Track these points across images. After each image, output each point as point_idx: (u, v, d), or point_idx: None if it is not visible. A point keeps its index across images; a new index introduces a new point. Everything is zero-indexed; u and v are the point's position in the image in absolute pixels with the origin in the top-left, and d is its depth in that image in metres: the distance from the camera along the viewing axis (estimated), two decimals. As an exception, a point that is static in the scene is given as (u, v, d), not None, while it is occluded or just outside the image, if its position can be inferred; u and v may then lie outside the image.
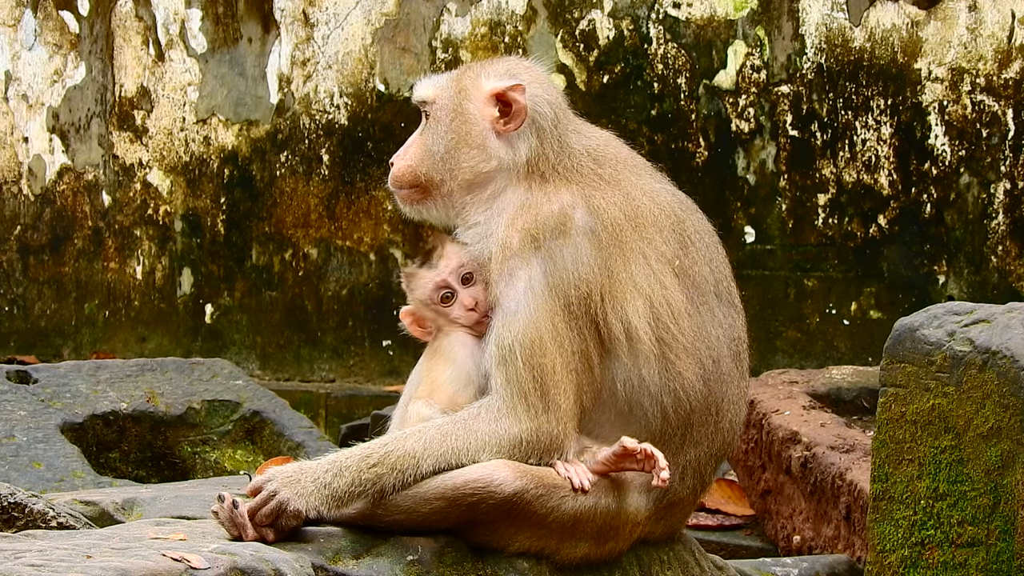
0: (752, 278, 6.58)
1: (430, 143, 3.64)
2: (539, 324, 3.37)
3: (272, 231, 8.01)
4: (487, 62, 3.71)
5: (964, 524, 3.47)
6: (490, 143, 3.58)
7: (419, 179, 3.65)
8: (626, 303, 3.42)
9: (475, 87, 3.62)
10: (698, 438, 3.52)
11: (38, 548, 3.02)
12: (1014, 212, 6.15)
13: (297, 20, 7.89)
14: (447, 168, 3.61)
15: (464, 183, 3.60)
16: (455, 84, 3.65)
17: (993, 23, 6.16)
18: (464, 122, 3.60)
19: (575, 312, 3.39)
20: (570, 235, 3.43)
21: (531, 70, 3.68)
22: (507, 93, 3.57)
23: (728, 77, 6.74)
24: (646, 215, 3.51)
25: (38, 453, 5.32)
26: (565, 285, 3.40)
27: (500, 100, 3.58)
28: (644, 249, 3.48)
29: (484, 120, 3.59)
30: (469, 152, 3.59)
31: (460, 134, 3.60)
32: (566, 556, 3.42)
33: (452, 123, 3.61)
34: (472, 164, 3.58)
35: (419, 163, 3.65)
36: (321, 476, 3.26)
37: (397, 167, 3.68)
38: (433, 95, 3.66)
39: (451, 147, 3.60)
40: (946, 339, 3.53)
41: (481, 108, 3.59)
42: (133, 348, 8.45)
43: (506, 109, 3.58)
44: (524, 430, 3.34)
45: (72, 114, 8.71)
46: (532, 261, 3.41)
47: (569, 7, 7.10)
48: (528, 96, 3.57)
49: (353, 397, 7.47)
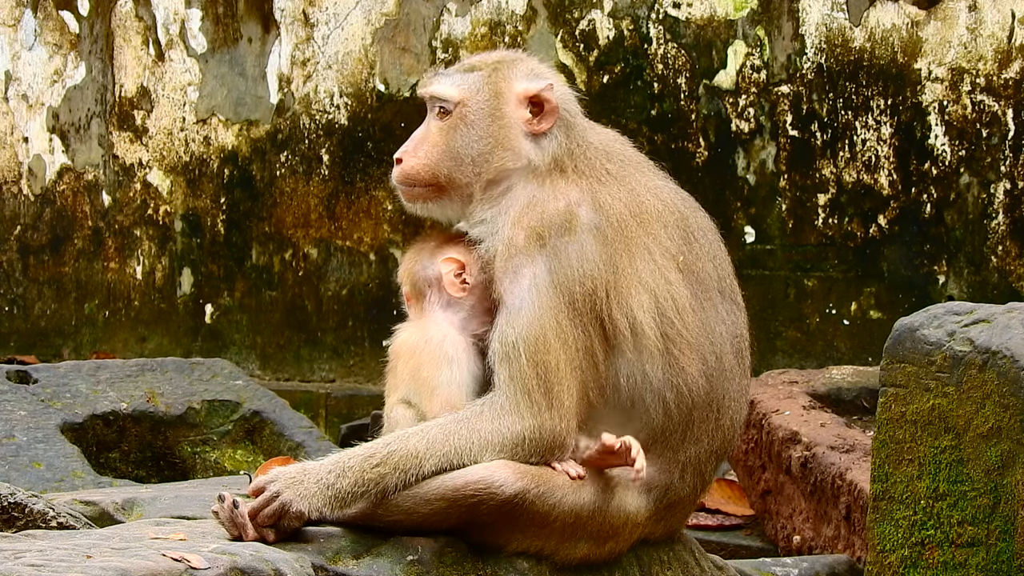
0: (752, 278, 6.58)
1: (458, 144, 3.60)
2: (543, 321, 3.37)
3: (272, 231, 8.01)
4: (505, 61, 3.68)
5: (964, 524, 3.47)
6: (522, 144, 3.58)
7: (438, 179, 3.61)
8: (631, 298, 3.42)
9: (509, 89, 3.60)
10: (699, 435, 3.52)
11: (38, 548, 3.02)
12: (1014, 212, 6.15)
13: (297, 20, 7.89)
14: (475, 171, 3.58)
15: (484, 182, 3.59)
16: (488, 86, 3.61)
17: (993, 23, 6.16)
18: (501, 126, 3.58)
19: (580, 309, 3.39)
20: (575, 232, 3.43)
21: (547, 69, 3.70)
22: (540, 94, 3.57)
23: (728, 77, 6.74)
24: (651, 211, 3.52)
25: (38, 453, 5.32)
26: (570, 282, 3.40)
27: (532, 102, 3.58)
28: (649, 244, 3.48)
29: (519, 122, 3.59)
30: (503, 154, 3.57)
31: (497, 138, 3.57)
32: (566, 556, 3.43)
33: (489, 127, 3.58)
34: (499, 164, 3.57)
35: (438, 163, 3.61)
36: (324, 477, 3.26)
37: (409, 164, 3.63)
38: (460, 96, 3.61)
39: (485, 150, 3.58)
40: (946, 339, 3.53)
41: (515, 110, 3.59)
42: (133, 348, 8.45)
43: (536, 109, 3.58)
44: (527, 427, 3.34)
45: (72, 114, 8.72)
46: (537, 259, 3.41)
47: (569, 7, 7.10)
48: (557, 95, 3.59)
49: (353, 397, 7.47)
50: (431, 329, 3.52)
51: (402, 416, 3.49)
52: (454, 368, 3.46)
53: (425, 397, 3.45)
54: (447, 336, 3.49)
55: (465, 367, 3.47)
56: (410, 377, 3.49)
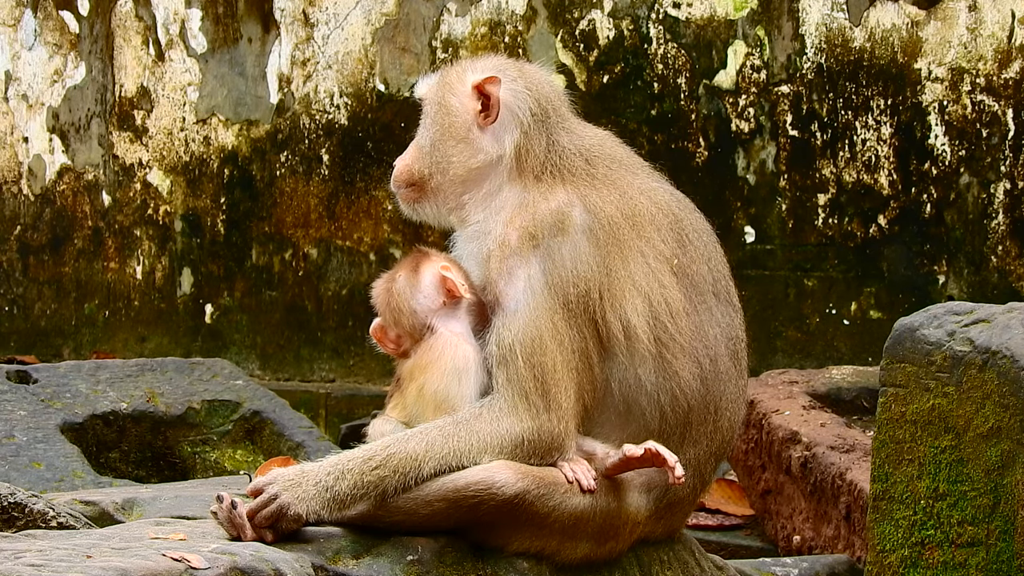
0: (752, 278, 6.58)
1: (423, 140, 3.68)
2: (539, 323, 3.37)
3: (272, 231, 8.01)
4: (477, 58, 3.73)
5: (964, 524, 3.47)
6: (474, 137, 3.59)
7: (413, 176, 3.68)
8: (624, 301, 3.43)
9: (459, 81, 3.64)
10: (697, 437, 3.52)
11: (38, 548, 3.02)
12: (1014, 212, 6.15)
13: (297, 20, 7.89)
14: (434, 161, 3.63)
15: (456, 179, 3.61)
16: (441, 79, 3.68)
17: (993, 23, 6.16)
18: (447, 115, 3.62)
19: (574, 310, 3.40)
20: (568, 233, 3.43)
21: (520, 67, 3.68)
22: (483, 86, 3.58)
23: (728, 77, 6.74)
24: (643, 214, 3.51)
25: (38, 453, 5.32)
26: (564, 283, 3.40)
27: (481, 93, 3.59)
28: (642, 247, 3.48)
29: (467, 114, 3.61)
30: (455, 146, 3.60)
31: (443, 127, 3.62)
32: (566, 556, 3.43)
33: (436, 116, 3.65)
34: (460, 159, 3.60)
35: (413, 161, 3.69)
36: (323, 479, 3.25)
37: (397, 167, 3.72)
38: (423, 92, 3.71)
39: (436, 140, 3.63)
40: (946, 339, 3.53)
41: (464, 102, 3.61)
42: (133, 348, 8.45)
43: (487, 102, 3.59)
44: (526, 429, 3.34)
45: (72, 114, 8.72)
46: (531, 260, 3.41)
47: (569, 7, 7.10)
48: (507, 90, 3.58)
49: (353, 397, 7.47)
50: (442, 343, 3.49)
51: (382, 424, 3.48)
52: (463, 381, 3.44)
53: (431, 411, 3.43)
54: (458, 348, 3.47)
55: (475, 379, 3.44)
56: (417, 392, 3.47)
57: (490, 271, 3.46)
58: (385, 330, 3.59)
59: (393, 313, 3.55)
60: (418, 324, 3.51)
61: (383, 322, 3.59)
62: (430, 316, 3.51)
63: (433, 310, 3.51)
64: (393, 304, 3.56)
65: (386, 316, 3.58)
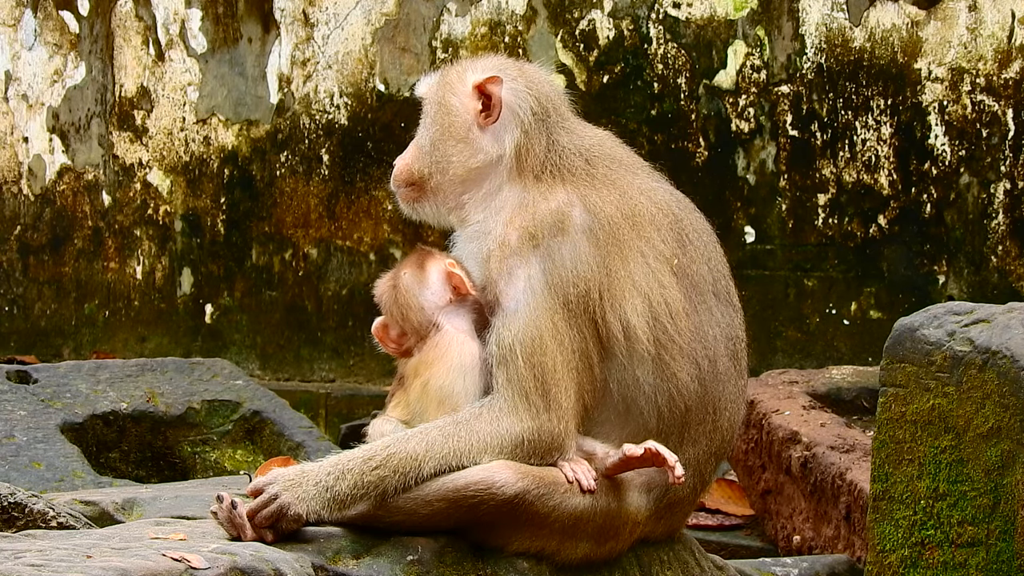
0: (752, 278, 6.58)
1: (423, 140, 3.68)
2: (539, 323, 3.37)
3: (272, 231, 8.01)
4: (477, 58, 3.73)
5: (964, 524, 3.47)
6: (474, 136, 3.59)
7: (413, 176, 3.68)
8: (624, 302, 3.42)
9: (460, 81, 3.64)
10: (696, 437, 3.52)
11: (38, 548, 3.02)
12: (1014, 212, 6.15)
13: (297, 20, 7.89)
14: (434, 161, 3.63)
15: (455, 179, 3.61)
16: (442, 79, 3.68)
17: (993, 23, 6.16)
18: (447, 114, 3.62)
19: (574, 310, 3.40)
20: (568, 233, 3.43)
21: (520, 66, 3.68)
22: (485, 85, 3.58)
23: (728, 77, 6.74)
24: (643, 214, 3.51)
25: (38, 453, 5.32)
26: (564, 283, 3.40)
27: (482, 93, 3.59)
28: (642, 248, 3.48)
29: (467, 113, 3.61)
30: (455, 145, 3.60)
31: (443, 126, 3.62)
32: (566, 556, 3.42)
33: (436, 116, 3.64)
34: (460, 159, 3.60)
35: (413, 160, 3.69)
36: (323, 479, 3.25)
37: (397, 167, 3.72)
38: (424, 92, 3.71)
39: (436, 139, 3.63)
40: (946, 339, 3.53)
41: (464, 101, 3.61)
42: (133, 348, 8.45)
43: (488, 102, 3.59)
44: (526, 429, 3.34)
45: (72, 114, 8.72)
46: (531, 259, 3.41)
47: (569, 7, 7.10)
48: (508, 89, 3.58)
49: (353, 397, 7.47)
50: (448, 340, 3.48)
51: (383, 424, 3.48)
52: (468, 378, 3.44)
53: (434, 407, 3.43)
54: (464, 344, 3.47)
55: (479, 376, 3.44)
56: (421, 389, 3.47)
57: (490, 271, 3.46)
58: (387, 329, 3.59)
59: (400, 309, 3.54)
60: (425, 320, 3.51)
61: (387, 320, 3.59)
62: (436, 312, 3.51)
63: (440, 306, 3.51)
64: (400, 300, 3.55)
65: (392, 313, 3.57)
